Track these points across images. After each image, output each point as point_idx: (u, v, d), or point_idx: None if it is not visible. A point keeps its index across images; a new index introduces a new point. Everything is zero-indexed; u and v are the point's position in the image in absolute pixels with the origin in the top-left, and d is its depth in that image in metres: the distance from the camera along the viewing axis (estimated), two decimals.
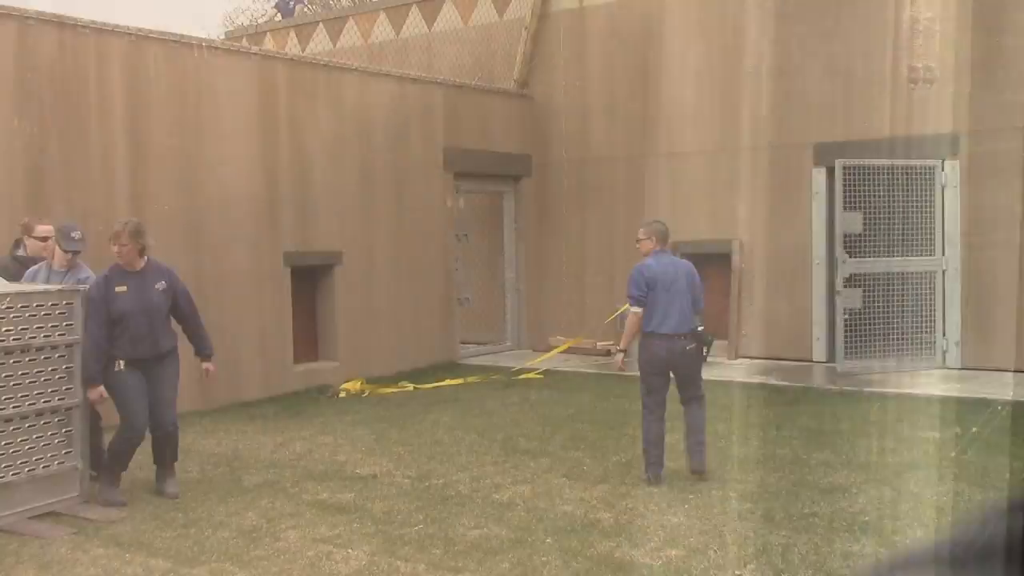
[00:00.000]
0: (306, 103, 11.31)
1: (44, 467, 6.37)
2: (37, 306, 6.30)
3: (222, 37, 20.54)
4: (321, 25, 17.16)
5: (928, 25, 11.39)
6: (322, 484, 6.94)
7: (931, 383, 10.50)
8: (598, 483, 6.77)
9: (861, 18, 11.83)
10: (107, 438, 6.88)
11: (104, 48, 9.45)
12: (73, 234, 6.80)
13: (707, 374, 11.55)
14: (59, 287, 6.58)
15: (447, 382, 11.34)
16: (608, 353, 13.40)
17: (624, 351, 7.09)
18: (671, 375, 6.89)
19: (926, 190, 11.42)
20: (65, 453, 6.49)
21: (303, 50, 16.66)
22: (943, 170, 11.39)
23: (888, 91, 11.69)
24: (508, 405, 9.92)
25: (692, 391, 6.94)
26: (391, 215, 12.29)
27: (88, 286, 6.59)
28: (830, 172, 11.80)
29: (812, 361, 12.08)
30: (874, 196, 11.21)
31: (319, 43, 16.86)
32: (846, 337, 11.26)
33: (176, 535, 5.82)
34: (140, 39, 9.75)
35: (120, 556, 5.48)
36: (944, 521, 5.80)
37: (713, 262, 13.28)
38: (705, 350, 6.92)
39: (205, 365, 7.02)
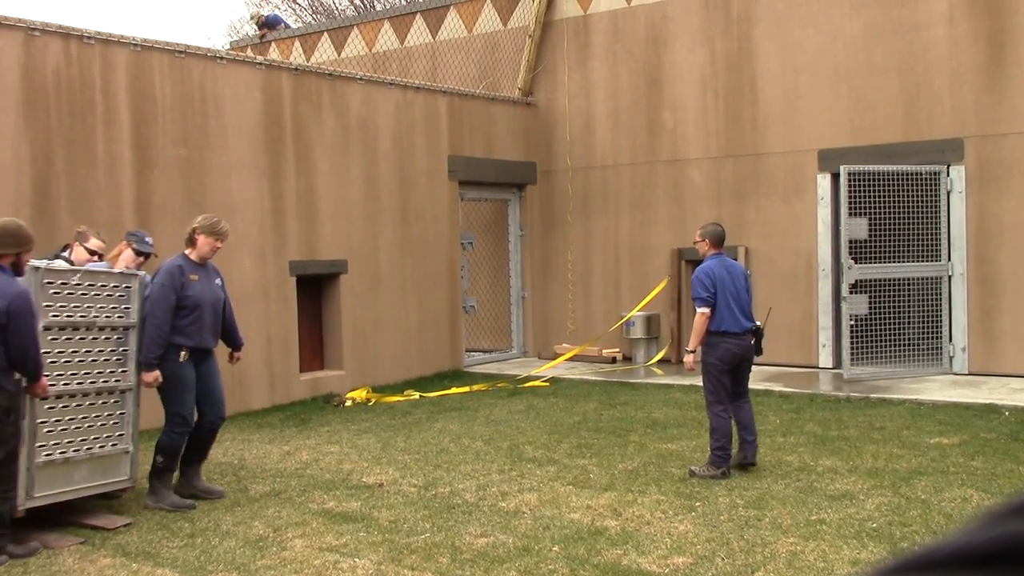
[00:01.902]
0: (311, 112, 11.34)
1: (100, 447, 6.47)
2: (101, 286, 6.47)
3: (227, 47, 20.61)
4: (326, 34, 17.20)
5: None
6: (328, 493, 6.94)
7: (938, 389, 10.47)
8: (604, 491, 6.76)
9: (865, 22, 11.83)
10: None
11: (109, 58, 9.49)
12: (147, 239, 7.19)
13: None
14: (120, 271, 6.78)
15: (453, 390, 11.34)
16: (613, 360, 13.40)
17: (693, 352, 7.32)
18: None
19: (931, 195, 11.41)
20: (118, 435, 6.60)
21: (308, 59, 16.70)
22: (948, 175, 11.38)
23: (893, 96, 11.69)
24: (514, 413, 9.91)
25: (745, 387, 7.27)
26: (396, 224, 12.30)
27: (150, 274, 6.84)
28: (835, 178, 11.79)
29: (818, 368, 12.06)
30: (879, 202, 11.20)
31: (324, 52, 16.90)
32: (852, 343, 11.25)
33: (183, 544, 5.82)
34: (145, 49, 9.79)
35: (127, 566, 5.48)
36: (952, 528, 5.78)
37: None
38: (757, 343, 7.26)
39: (237, 355, 7.36)
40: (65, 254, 7.17)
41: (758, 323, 7.23)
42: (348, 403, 10.70)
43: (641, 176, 13.65)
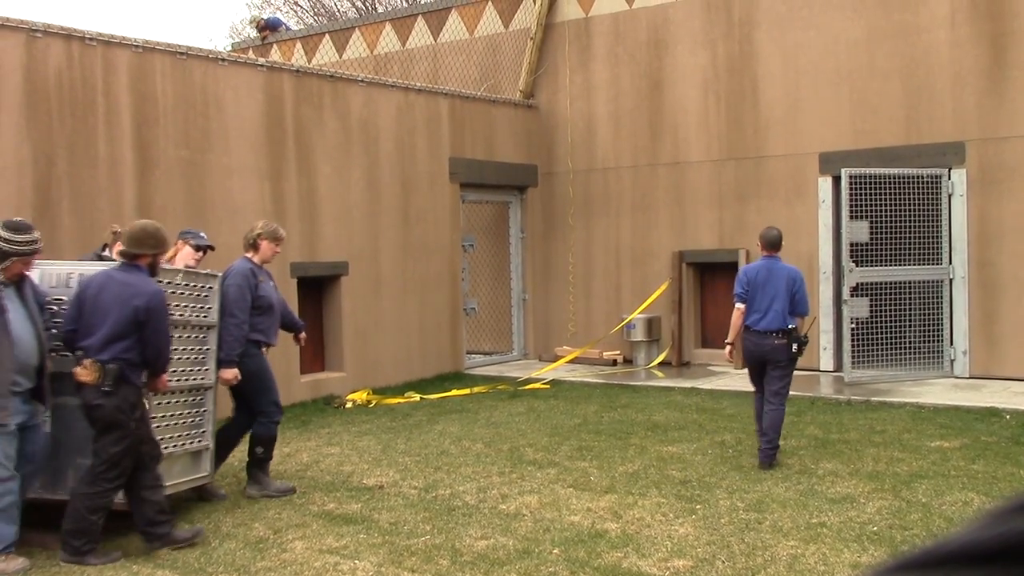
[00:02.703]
0: (312, 114, 11.34)
1: (190, 443, 6.61)
2: (186, 285, 6.61)
3: (229, 48, 20.62)
4: (327, 36, 17.22)
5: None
6: (329, 495, 6.94)
7: (939, 392, 10.47)
8: (605, 493, 6.76)
9: (867, 26, 11.83)
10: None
11: (111, 60, 9.49)
12: (202, 234, 7.52)
13: (712, 384, 11.58)
14: (206, 271, 6.95)
15: (453, 392, 11.34)
16: (614, 363, 13.40)
17: (731, 344, 7.68)
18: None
19: (933, 199, 11.41)
20: (202, 432, 6.73)
21: (309, 61, 16.72)
22: (950, 178, 11.37)
23: (895, 99, 11.69)
24: (514, 415, 9.91)
25: (773, 386, 7.43)
26: (397, 225, 12.31)
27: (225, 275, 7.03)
28: (836, 181, 11.79)
29: (819, 371, 12.05)
30: (881, 205, 11.20)
31: (325, 54, 16.92)
32: (853, 346, 11.24)
33: (183, 546, 5.81)
34: (147, 51, 9.79)
35: (127, 567, 5.48)
36: (953, 531, 5.78)
37: (720, 271, 13.29)
38: (795, 347, 7.37)
39: (303, 335, 7.87)
40: (105, 253, 7.20)
41: (792, 326, 7.38)
42: (349, 405, 10.70)
43: (642, 178, 13.65)
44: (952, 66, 11.33)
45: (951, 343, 11.46)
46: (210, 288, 6.84)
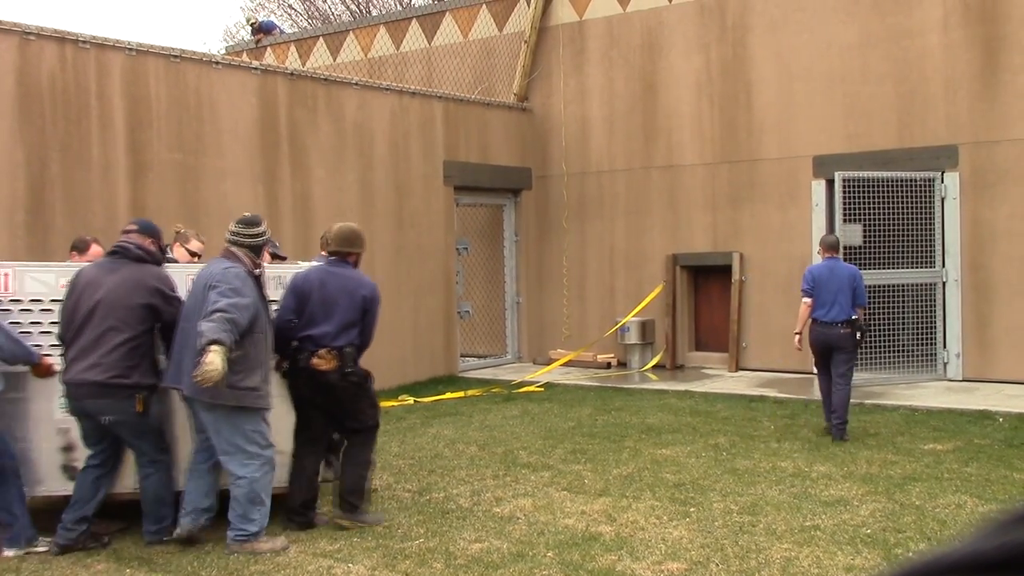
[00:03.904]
0: (306, 117, 11.34)
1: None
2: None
3: (222, 51, 20.60)
4: (321, 40, 17.22)
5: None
6: (322, 498, 6.92)
7: (932, 395, 10.49)
8: (599, 496, 6.76)
9: (860, 30, 11.87)
10: None
11: (105, 63, 9.48)
12: (277, 243, 7.74)
13: (706, 387, 11.60)
14: (293, 265, 6.89)
15: (447, 395, 11.33)
16: (608, 366, 13.41)
17: (799, 333, 8.69)
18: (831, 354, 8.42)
19: (926, 202, 11.44)
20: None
21: (303, 64, 16.71)
22: (943, 182, 11.40)
23: (888, 103, 11.72)
24: (509, 418, 9.91)
25: (839, 369, 8.36)
26: (391, 228, 12.30)
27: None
28: (830, 184, 11.82)
29: (813, 373, 12.02)
30: (874, 208, 11.23)
31: (319, 57, 16.91)
32: None
33: (177, 550, 5.80)
34: (140, 54, 9.78)
35: (121, 571, 5.47)
36: (946, 534, 5.79)
37: (714, 274, 13.31)
38: (859, 335, 8.41)
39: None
40: (169, 254, 7.21)
41: (854, 316, 8.37)
42: None
43: (636, 182, 13.66)
44: (945, 70, 11.36)
45: (944, 346, 11.49)
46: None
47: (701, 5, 13.03)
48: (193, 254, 7.19)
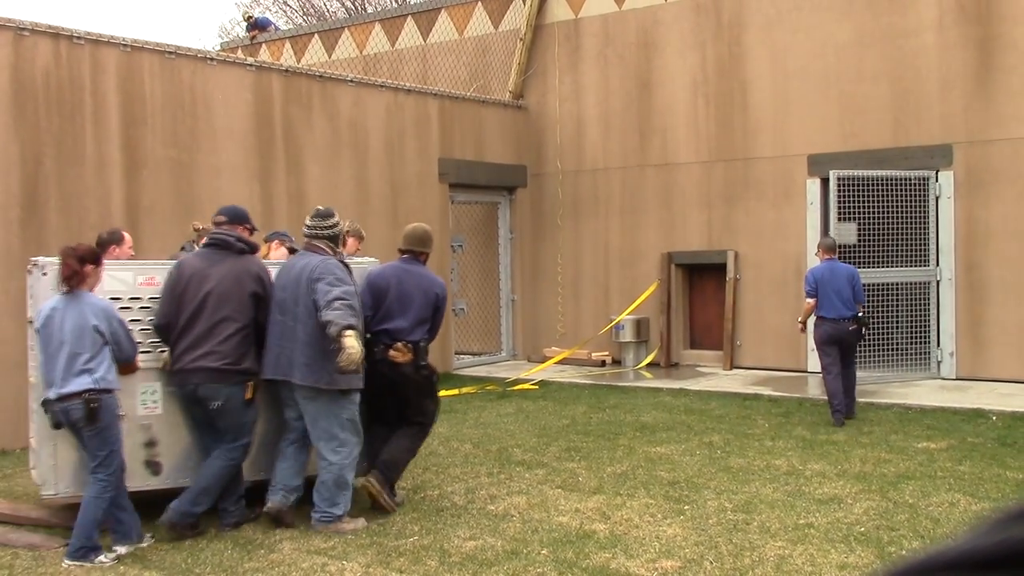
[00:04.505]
0: (301, 114, 11.32)
1: None
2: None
3: (217, 48, 20.56)
4: (316, 36, 17.19)
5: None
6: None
7: (926, 393, 10.51)
8: (593, 494, 6.77)
9: (855, 29, 11.88)
10: None
11: (99, 59, 9.46)
12: (293, 238, 7.77)
13: (700, 385, 11.61)
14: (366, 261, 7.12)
15: (441, 393, 11.29)
16: (602, 364, 13.41)
17: (803, 324, 9.47)
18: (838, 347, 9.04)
19: (920, 201, 11.46)
20: None
21: (298, 61, 16.68)
22: (937, 181, 11.43)
23: (883, 102, 11.74)
24: (503, 416, 9.91)
25: (847, 359, 9.08)
26: (386, 226, 12.28)
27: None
28: (824, 183, 11.83)
29: (807, 372, 12.08)
30: (869, 207, 11.24)
31: (314, 54, 16.89)
32: None
33: (170, 547, 5.79)
34: (135, 50, 9.76)
35: (115, 568, 5.46)
36: (939, 532, 5.80)
37: (708, 272, 13.32)
38: (864, 330, 9.19)
39: None
40: (186, 251, 7.23)
41: (859, 313, 9.08)
42: None
43: (631, 180, 13.67)
44: (940, 69, 11.38)
45: (938, 344, 11.51)
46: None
47: (696, 3, 13.03)
48: None
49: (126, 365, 5.82)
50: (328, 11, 30.29)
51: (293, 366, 5.96)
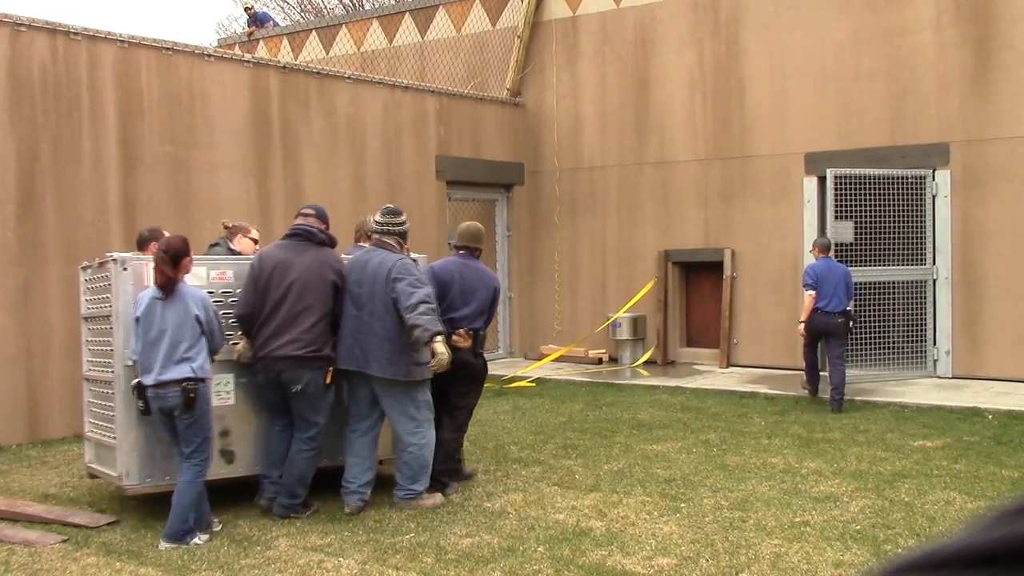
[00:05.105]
0: (299, 111, 11.31)
1: None
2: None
3: (215, 44, 20.54)
4: (314, 33, 17.17)
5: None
6: (313, 492, 6.91)
7: (922, 392, 10.53)
8: (590, 492, 6.77)
9: (853, 27, 11.88)
10: None
11: (96, 55, 9.45)
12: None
13: (697, 383, 11.62)
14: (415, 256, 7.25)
15: None
16: (599, 361, 13.42)
17: (803, 322, 9.78)
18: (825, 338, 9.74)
19: (917, 199, 11.47)
20: None
21: (296, 58, 16.66)
22: (934, 179, 11.44)
23: (880, 100, 11.74)
24: (500, 413, 9.91)
25: (836, 351, 9.58)
26: None
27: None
28: (821, 181, 11.84)
29: (803, 370, 12.07)
30: (865, 205, 11.25)
31: (312, 51, 16.87)
32: None
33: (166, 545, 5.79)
34: (132, 46, 9.75)
35: (110, 565, 5.46)
36: (935, 530, 5.81)
37: (705, 270, 13.32)
38: (851, 324, 9.82)
39: None
40: (220, 248, 7.22)
41: (849, 308, 9.70)
42: None
43: (629, 178, 13.67)
44: (937, 68, 11.39)
45: (934, 343, 11.52)
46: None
47: (694, 1, 13.03)
48: (255, 242, 7.30)
49: (211, 355, 6.02)
50: (325, 8, 30.25)
51: (369, 359, 6.29)
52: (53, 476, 7.59)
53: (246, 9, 18.99)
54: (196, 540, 5.72)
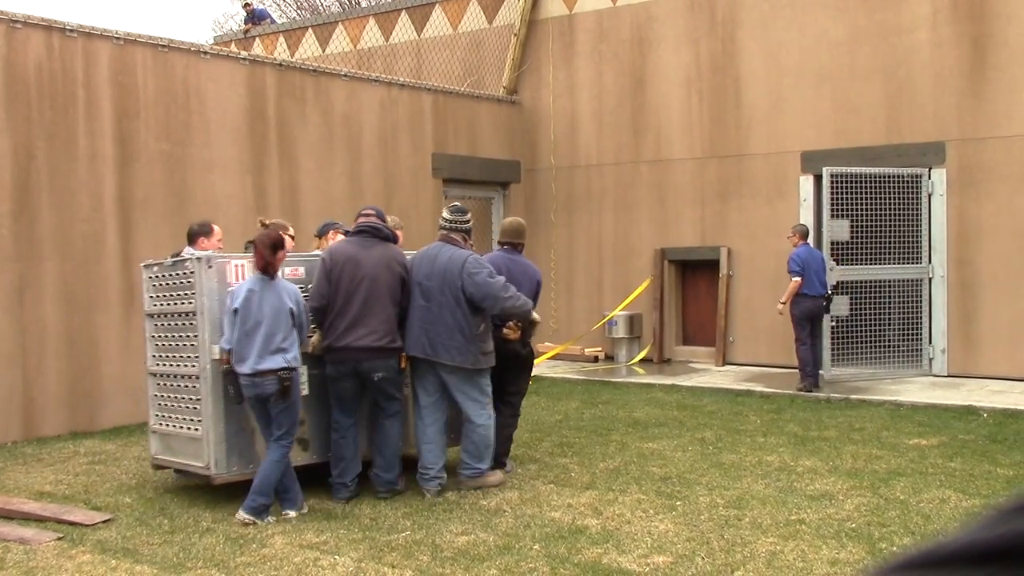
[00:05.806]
0: (295, 108, 11.30)
1: None
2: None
3: (211, 41, 20.50)
4: (310, 30, 17.15)
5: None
6: (309, 489, 6.91)
7: (917, 390, 10.54)
8: (585, 489, 6.77)
9: (849, 26, 11.89)
10: None
11: (92, 52, 9.43)
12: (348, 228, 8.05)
13: (693, 381, 11.63)
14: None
15: None
16: (595, 359, 13.42)
17: (784, 303, 10.43)
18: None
19: (913, 198, 11.48)
20: None
21: (292, 55, 16.64)
22: (930, 178, 11.45)
23: (876, 99, 11.75)
24: None
25: (816, 332, 10.49)
26: None
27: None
28: (818, 180, 11.85)
29: (798, 368, 12.09)
30: (861, 204, 11.27)
31: (308, 48, 16.85)
32: (833, 344, 11.30)
33: (162, 541, 5.79)
34: (128, 43, 9.73)
35: (106, 562, 5.45)
36: (930, 528, 5.82)
37: (701, 269, 13.33)
38: (828, 304, 10.58)
39: None
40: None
41: (829, 292, 10.50)
42: None
43: (625, 176, 13.67)
44: (933, 67, 11.40)
45: (930, 341, 11.54)
46: None
47: (690, 0, 13.03)
48: (291, 239, 7.41)
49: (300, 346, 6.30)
50: (322, 5, 30.21)
51: (438, 347, 6.63)
52: (48, 474, 7.58)
53: (244, 5, 18.92)
54: (270, 518, 6.05)
